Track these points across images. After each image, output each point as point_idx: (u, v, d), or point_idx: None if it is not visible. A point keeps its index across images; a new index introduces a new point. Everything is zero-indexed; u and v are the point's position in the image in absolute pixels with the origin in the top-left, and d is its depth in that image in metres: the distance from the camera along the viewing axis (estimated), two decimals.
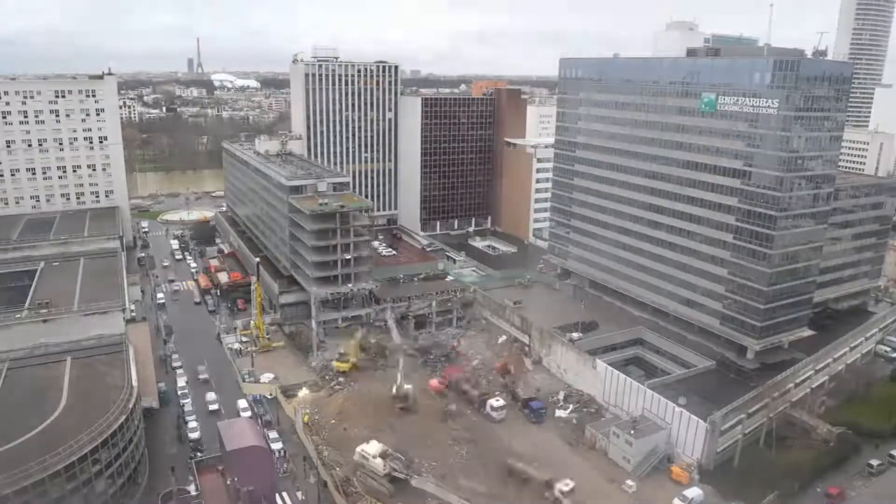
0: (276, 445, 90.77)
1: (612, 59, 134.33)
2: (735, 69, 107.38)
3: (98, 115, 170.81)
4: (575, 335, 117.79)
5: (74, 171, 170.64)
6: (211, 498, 78.51)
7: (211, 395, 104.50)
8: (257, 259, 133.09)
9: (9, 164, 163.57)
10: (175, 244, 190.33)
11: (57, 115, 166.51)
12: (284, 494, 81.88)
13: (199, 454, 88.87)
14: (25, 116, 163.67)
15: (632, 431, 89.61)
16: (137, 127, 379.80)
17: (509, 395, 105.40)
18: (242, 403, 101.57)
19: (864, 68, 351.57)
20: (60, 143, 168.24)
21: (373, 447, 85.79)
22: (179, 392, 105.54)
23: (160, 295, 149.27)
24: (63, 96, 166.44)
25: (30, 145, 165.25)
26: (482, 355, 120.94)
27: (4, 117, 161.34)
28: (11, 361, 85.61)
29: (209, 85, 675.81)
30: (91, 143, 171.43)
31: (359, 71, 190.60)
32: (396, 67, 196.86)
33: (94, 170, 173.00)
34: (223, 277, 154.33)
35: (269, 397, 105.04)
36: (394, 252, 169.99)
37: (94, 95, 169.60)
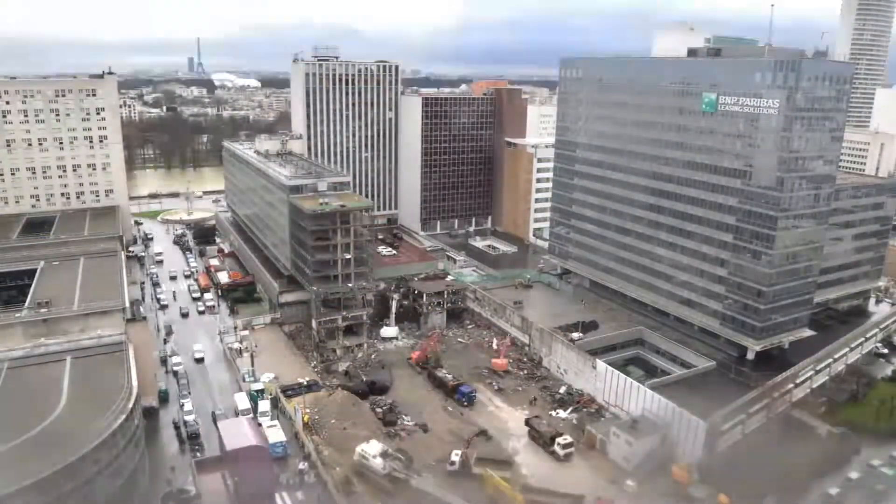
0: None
1: (613, 58, 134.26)
2: (736, 69, 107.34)
3: (98, 114, 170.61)
4: (575, 335, 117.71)
5: (74, 170, 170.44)
6: (211, 498, 78.44)
7: (198, 346, 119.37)
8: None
9: (9, 164, 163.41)
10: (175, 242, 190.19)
11: (57, 115, 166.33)
12: (284, 494, 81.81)
13: (198, 454, 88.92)
14: (25, 116, 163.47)
15: (632, 431, 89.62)
16: (138, 126, 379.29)
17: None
18: (241, 402, 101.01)
19: (864, 69, 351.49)
20: (60, 143, 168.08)
21: (373, 447, 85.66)
22: (179, 392, 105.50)
23: (161, 295, 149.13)
24: (63, 95, 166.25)
25: (30, 144, 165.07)
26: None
27: (4, 116, 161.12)
28: (11, 361, 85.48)
29: (209, 84, 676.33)
30: (91, 142, 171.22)
31: (359, 70, 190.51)
32: (397, 67, 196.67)
33: (94, 169, 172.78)
34: (223, 277, 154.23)
35: (270, 397, 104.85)
36: (394, 252, 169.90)
37: (94, 95, 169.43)
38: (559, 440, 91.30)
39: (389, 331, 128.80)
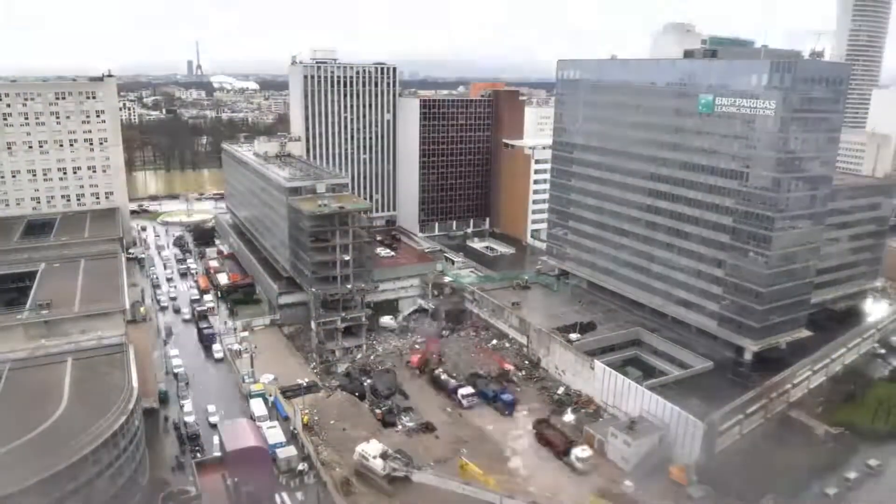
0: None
1: (610, 60, 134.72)
2: (732, 71, 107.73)
3: (98, 116, 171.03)
4: (573, 336, 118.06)
5: (75, 172, 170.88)
6: (211, 498, 78.82)
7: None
8: None
9: (9, 166, 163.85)
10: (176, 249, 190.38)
11: (57, 117, 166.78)
12: (284, 494, 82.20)
13: (198, 454, 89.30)
14: (26, 118, 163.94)
15: (630, 432, 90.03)
16: (137, 128, 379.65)
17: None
18: (258, 409, 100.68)
19: (861, 69, 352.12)
20: (61, 145, 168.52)
21: (373, 447, 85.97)
22: (179, 392, 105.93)
23: (162, 297, 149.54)
24: (63, 98, 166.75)
25: (30, 147, 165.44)
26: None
27: (5, 119, 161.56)
28: (13, 363, 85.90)
29: (208, 87, 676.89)
30: (91, 144, 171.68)
31: (357, 73, 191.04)
32: (395, 69, 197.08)
33: (94, 171, 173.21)
34: (222, 278, 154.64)
35: (269, 398, 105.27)
36: (392, 254, 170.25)
37: (94, 97, 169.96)
38: (576, 452, 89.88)
39: (389, 321, 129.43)
